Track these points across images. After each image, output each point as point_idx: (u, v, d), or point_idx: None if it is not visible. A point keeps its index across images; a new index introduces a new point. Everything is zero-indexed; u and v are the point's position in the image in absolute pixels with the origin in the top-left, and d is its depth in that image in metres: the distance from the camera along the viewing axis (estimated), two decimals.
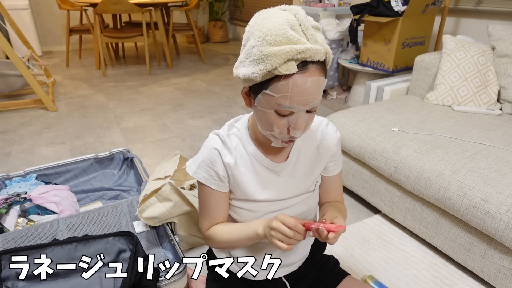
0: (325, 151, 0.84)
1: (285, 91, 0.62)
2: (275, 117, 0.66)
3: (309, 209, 0.87)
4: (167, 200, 1.24)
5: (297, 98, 0.63)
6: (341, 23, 2.93)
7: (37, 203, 1.39)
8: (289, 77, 0.61)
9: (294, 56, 0.60)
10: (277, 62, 0.60)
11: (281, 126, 0.67)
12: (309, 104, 0.64)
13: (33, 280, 1.03)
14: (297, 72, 0.61)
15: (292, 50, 0.59)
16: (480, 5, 2.23)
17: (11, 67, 2.95)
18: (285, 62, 0.60)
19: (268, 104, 0.65)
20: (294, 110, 0.65)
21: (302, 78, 0.61)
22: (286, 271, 0.92)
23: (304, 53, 0.60)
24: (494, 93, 1.71)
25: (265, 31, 0.61)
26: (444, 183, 1.21)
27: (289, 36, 0.60)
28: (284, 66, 0.60)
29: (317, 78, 0.63)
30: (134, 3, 3.61)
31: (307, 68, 0.62)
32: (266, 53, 0.60)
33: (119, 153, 1.81)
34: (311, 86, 0.62)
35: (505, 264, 1.11)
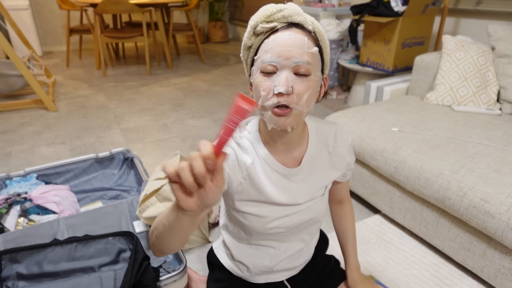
0: (338, 159, 0.82)
1: (266, 46, 0.66)
2: (261, 79, 0.66)
3: (319, 214, 0.85)
4: (167, 200, 1.24)
5: (277, 49, 0.64)
6: (341, 23, 2.93)
7: (38, 203, 1.39)
8: (272, 35, 0.66)
9: (274, 14, 0.66)
10: (258, 18, 0.66)
11: (266, 88, 0.65)
12: (291, 59, 0.64)
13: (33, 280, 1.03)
14: (279, 30, 0.66)
15: (271, 8, 0.66)
16: (480, 5, 2.23)
17: (12, 67, 2.96)
18: (266, 21, 0.66)
19: (256, 68, 0.68)
20: (276, 64, 0.64)
21: (282, 32, 0.66)
22: (289, 275, 0.92)
23: (282, 12, 0.65)
24: (493, 93, 1.71)
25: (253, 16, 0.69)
26: (444, 183, 1.21)
27: (272, 4, 0.67)
28: (265, 23, 0.66)
29: (299, 35, 0.65)
30: (134, 3, 3.61)
31: (289, 27, 0.66)
32: (252, 17, 0.68)
33: (119, 153, 1.81)
34: (291, 38, 0.65)
35: (505, 264, 1.11)
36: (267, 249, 0.85)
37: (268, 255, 0.86)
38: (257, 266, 0.87)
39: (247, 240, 0.85)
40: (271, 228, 0.79)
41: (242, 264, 0.89)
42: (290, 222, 0.80)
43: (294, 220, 0.80)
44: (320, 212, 0.85)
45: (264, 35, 0.67)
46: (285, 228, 0.81)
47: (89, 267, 1.06)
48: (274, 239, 0.84)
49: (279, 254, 0.86)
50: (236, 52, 5.12)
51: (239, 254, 0.88)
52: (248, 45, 0.70)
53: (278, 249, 0.85)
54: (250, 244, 0.86)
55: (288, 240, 0.85)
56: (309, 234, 0.88)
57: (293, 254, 0.87)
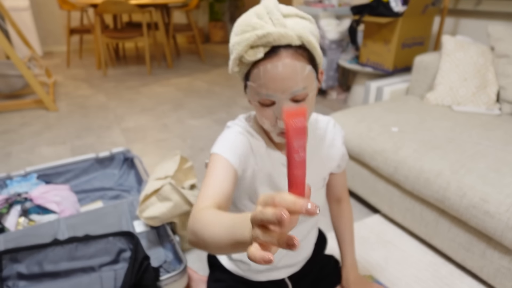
0: (334, 151, 0.85)
1: (258, 79, 0.62)
2: (260, 108, 0.66)
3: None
4: (168, 200, 1.25)
5: (271, 84, 0.61)
6: (341, 23, 2.93)
7: (38, 203, 1.39)
8: (259, 64, 0.61)
9: (257, 42, 0.59)
10: (241, 49, 0.61)
11: (268, 117, 0.66)
12: (288, 91, 0.62)
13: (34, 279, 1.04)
14: (266, 58, 0.61)
15: (252, 35, 0.59)
16: (480, 5, 2.24)
17: (12, 67, 2.96)
18: (250, 48, 0.60)
19: (252, 95, 0.66)
20: (273, 99, 0.63)
21: (271, 63, 0.60)
22: (290, 272, 0.92)
23: (266, 37, 0.59)
24: (493, 93, 1.71)
25: (236, 25, 0.64)
26: (443, 183, 1.21)
27: (251, 24, 0.60)
28: (249, 52, 0.61)
29: (290, 62, 0.60)
30: (134, 4, 3.62)
31: (276, 53, 0.60)
32: (233, 43, 0.63)
33: (120, 153, 1.81)
34: (283, 71, 0.60)
35: (504, 263, 1.11)
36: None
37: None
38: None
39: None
40: None
41: (242, 263, 0.89)
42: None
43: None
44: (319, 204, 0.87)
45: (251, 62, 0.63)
46: None
47: (89, 267, 1.06)
48: None
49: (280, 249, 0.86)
50: None
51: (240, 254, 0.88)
52: (236, 71, 0.66)
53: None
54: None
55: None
56: (308, 226, 0.90)
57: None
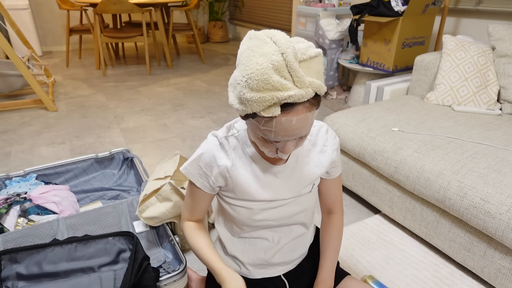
0: (325, 157, 0.84)
1: (269, 127, 0.61)
2: (263, 142, 0.66)
3: (306, 208, 0.86)
4: (167, 200, 1.24)
5: (282, 133, 0.61)
6: (341, 23, 2.93)
7: (37, 203, 1.39)
8: (272, 117, 0.60)
9: (276, 102, 0.57)
10: (258, 108, 0.58)
11: (269, 147, 0.67)
12: (295, 136, 0.63)
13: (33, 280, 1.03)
14: (281, 112, 0.59)
15: (273, 98, 0.56)
16: (480, 5, 2.23)
17: (11, 67, 2.95)
18: (267, 107, 0.58)
19: (256, 131, 0.64)
20: (280, 140, 0.64)
21: (286, 118, 0.59)
22: (285, 269, 0.93)
23: (287, 100, 0.57)
24: (494, 93, 1.71)
25: (249, 73, 0.56)
26: (444, 183, 1.21)
27: (271, 82, 0.56)
28: (266, 111, 0.58)
29: (304, 115, 0.60)
30: (134, 3, 3.61)
31: (292, 108, 0.59)
32: (247, 98, 0.57)
33: (119, 153, 1.81)
34: (296, 123, 0.60)
35: (505, 264, 1.11)
36: (261, 241, 0.87)
37: (262, 247, 0.88)
38: (252, 259, 0.88)
39: (239, 233, 0.88)
40: (259, 220, 0.82)
41: (237, 260, 0.90)
42: (278, 214, 0.83)
43: (283, 212, 0.83)
44: (309, 205, 0.87)
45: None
46: (275, 220, 0.84)
47: (89, 267, 1.06)
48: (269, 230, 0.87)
49: (273, 245, 0.88)
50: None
51: (234, 248, 0.90)
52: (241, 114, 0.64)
53: (271, 240, 0.87)
54: (243, 238, 0.88)
55: (280, 231, 0.87)
56: (301, 225, 0.90)
57: (287, 244, 0.89)
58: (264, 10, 5.16)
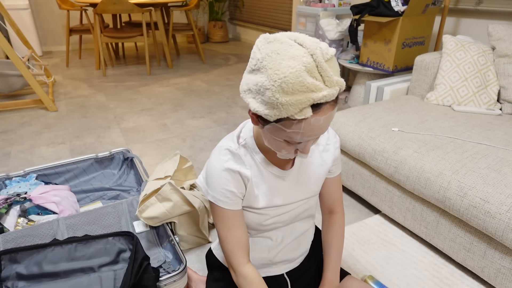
0: (328, 156, 0.86)
1: (297, 129, 0.61)
2: (284, 145, 0.67)
3: (310, 207, 0.90)
4: (167, 200, 1.24)
5: (309, 133, 0.63)
6: (341, 23, 2.93)
7: (37, 203, 1.39)
8: (302, 119, 0.60)
9: (310, 104, 0.59)
10: (293, 111, 0.58)
11: (289, 150, 0.68)
12: (320, 135, 0.65)
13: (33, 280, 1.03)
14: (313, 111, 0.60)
15: (309, 99, 0.58)
16: (480, 5, 2.23)
17: (11, 67, 2.95)
18: (301, 110, 0.59)
19: (278, 134, 0.64)
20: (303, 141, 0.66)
21: (315, 118, 0.61)
22: (288, 268, 0.93)
23: (320, 100, 0.59)
24: (494, 93, 1.71)
25: (281, 77, 0.56)
26: (444, 183, 1.21)
27: (306, 85, 0.56)
28: (299, 113, 0.59)
29: (329, 114, 0.62)
30: (134, 3, 3.61)
31: (321, 108, 0.60)
32: (282, 102, 0.57)
33: (119, 153, 1.81)
34: (323, 123, 0.62)
35: (505, 264, 1.11)
36: (264, 240, 0.88)
37: (266, 246, 0.88)
38: (256, 259, 0.88)
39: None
40: (269, 224, 0.84)
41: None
42: (287, 216, 0.85)
43: (291, 214, 0.85)
44: (312, 205, 0.90)
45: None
46: (282, 223, 0.85)
47: (89, 267, 1.06)
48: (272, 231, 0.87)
49: (277, 244, 0.88)
50: (236, 52, 5.12)
51: None
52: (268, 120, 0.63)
53: (275, 240, 0.88)
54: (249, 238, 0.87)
55: (283, 230, 0.88)
56: (305, 223, 0.92)
57: (291, 243, 0.90)
58: (264, 10, 5.16)
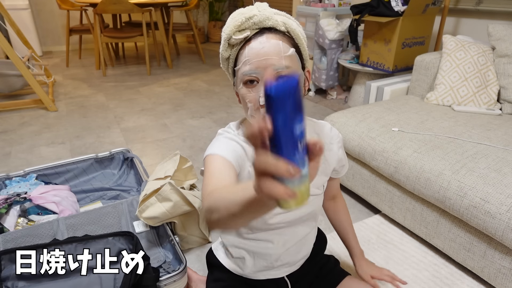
0: (331, 155, 0.85)
1: (244, 57, 0.67)
2: (245, 91, 0.69)
3: (315, 209, 0.88)
4: (167, 200, 1.24)
5: (255, 60, 0.66)
6: (341, 23, 2.93)
7: (37, 203, 1.39)
8: (246, 44, 0.67)
9: (244, 23, 0.66)
10: (230, 30, 0.67)
11: (252, 99, 0.68)
12: (270, 67, 0.66)
13: (33, 280, 1.03)
14: (252, 38, 0.67)
15: (240, 17, 0.66)
16: (480, 5, 2.23)
17: (11, 67, 2.95)
18: (238, 30, 0.67)
19: (238, 80, 0.69)
20: (257, 75, 0.67)
21: (256, 41, 0.67)
22: (289, 271, 0.92)
23: (252, 19, 0.66)
24: (494, 93, 1.71)
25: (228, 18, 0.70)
26: (444, 183, 1.21)
27: (241, 12, 0.68)
28: (237, 34, 0.67)
29: (274, 40, 0.66)
30: (134, 3, 3.61)
31: (262, 33, 0.67)
32: (223, 29, 0.69)
33: (119, 153, 1.81)
34: (267, 47, 0.65)
35: (505, 264, 1.11)
36: (266, 243, 0.86)
37: (267, 249, 0.87)
38: (257, 261, 0.88)
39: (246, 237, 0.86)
40: (272, 224, 0.82)
41: (242, 262, 0.89)
42: (291, 216, 0.83)
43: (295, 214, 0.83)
44: (318, 206, 0.90)
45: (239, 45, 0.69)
46: (286, 223, 0.84)
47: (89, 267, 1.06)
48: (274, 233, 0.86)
49: (278, 247, 0.87)
50: None
51: (239, 252, 0.89)
52: (226, 56, 0.72)
53: (277, 243, 0.87)
54: (249, 239, 0.87)
55: (286, 233, 0.87)
56: (307, 226, 0.90)
57: (292, 247, 0.89)
58: None
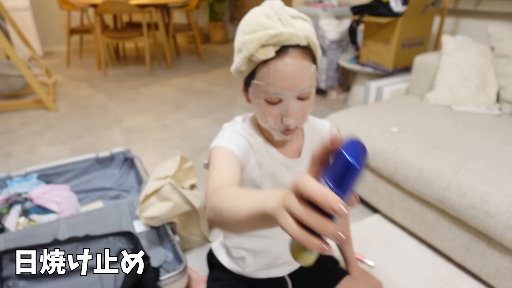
0: None
1: (268, 77, 0.63)
2: (266, 106, 0.67)
3: None
4: (168, 200, 1.25)
5: (281, 82, 0.63)
6: (341, 23, 2.93)
7: (38, 203, 1.39)
8: (269, 63, 0.63)
9: (269, 41, 0.61)
10: (253, 47, 0.62)
11: (273, 115, 0.67)
12: (295, 89, 0.64)
13: (34, 279, 1.04)
14: (276, 57, 0.62)
15: (265, 34, 0.61)
16: (479, 5, 2.24)
17: (12, 67, 2.96)
18: (261, 47, 0.62)
19: (258, 93, 0.67)
20: (281, 96, 0.65)
21: (282, 62, 0.62)
22: (289, 270, 0.93)
23: (278, 37, 0.61)
24: (493, 93, 1.71)
25: (243, 23, 0.66)
26: (443, 183, 1.21)
27: (262, 23, 0.62)
28: (260, 51, 0.62)
29: (299, 62, 0.63)
30: (134, 4, 3.62)
31: (286, 52, 0.62)
32: (243, 41, 0.64)
33: (120, 153, 1.81)
34: (293, 69, 0.62)
35: (504, 263, 1.11)
36: (265, 240, 0.87)
37: (267, 246, 0.88)
38: (258, 259, 0.88)
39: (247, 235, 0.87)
40: None
41: (243, 262, 0.90)
42: None
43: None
44: None
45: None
46: None
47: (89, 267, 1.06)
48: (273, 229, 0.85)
49: (278, 244, 0.88)
50: None
51: (239, 251, 0.89)
52: (243, 70, 0.67)
53: (276, 239, 0.87)
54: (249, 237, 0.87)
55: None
56: None
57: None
58: None
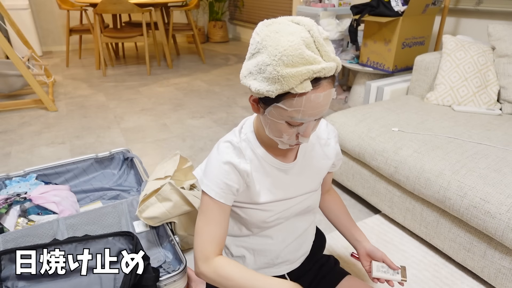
0: (329, 149, 0.88)
1: (298, 106, 0.63)
2: (285, 127, 0.68)
3: (313, 203, 0.91)
4: (167, 200, 1.24)
5: (309, 111, 0.64)
6: (341, 23, 2.93)
7: (37, 203, 1.39)
8: (303, 94, 0.62)
9: (310, 76, 0.61)
10: (294, 83, 0.60)
11: (290, 133, 0.69)
12: (319, 115, 0.67)
13: (33, 280, 1.03)
14: (311, 89, 0.62)
15: (309, 71, 0.60)
16: (480, 5, 2.23)
17: (11, 67, 2.95)
18: (301, 83, 0.60)
19: (280, 116, 0.66)
20: (305, 122, 0.67)
21: (315, 94, 0.63)
22: (289, 268, 0.93)
23: (319, 73, 0.61)
24: (494, 93, 1.71)
25: (281, 50, 0.59)
26: (444, 183, 1.21)
27: (305, 57, 0.59)
28: (300, 86, 0.61)
29: (328, 91, 0.64)
30: (134, 3, 3.61)
31: (319, 84, 0.62)
32: (283, 75, 0.59)
33: (119, 153, 1.81)
34: (323, 100, 0.64)
35: (505, 264, 1.11)
36: (265, 239, 0.88)
37: (267, 246, 0.88)
38: (258, 258, 0.88)
39: (247, 235, 0.87)
40: (271, 221, 0.84)
41: (242, 261, 0.90)
42: (288, 212, 0.85)
43: (293, 210, 0.86)
44: (316, 201, 0.91)
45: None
46: (284, 219, 0.86)
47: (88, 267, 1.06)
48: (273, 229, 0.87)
49: (278, 243, 0.88)
50: (236, 52, 5.12)
51: (239, 250, 0.89)
52: (268, 95, 0.63)
53: (276, 238, 0.88)
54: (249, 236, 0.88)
55: (285, 228, 0.88)
56: (305, 221, 0.92)
57: (292, 243, 0.90)
58: (264, 10, 5.15)
